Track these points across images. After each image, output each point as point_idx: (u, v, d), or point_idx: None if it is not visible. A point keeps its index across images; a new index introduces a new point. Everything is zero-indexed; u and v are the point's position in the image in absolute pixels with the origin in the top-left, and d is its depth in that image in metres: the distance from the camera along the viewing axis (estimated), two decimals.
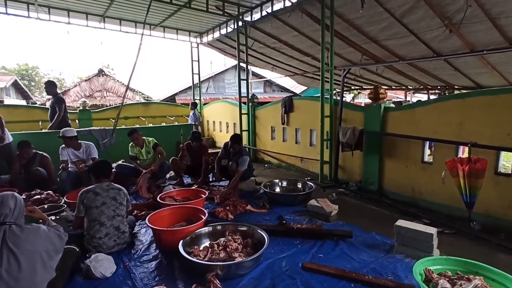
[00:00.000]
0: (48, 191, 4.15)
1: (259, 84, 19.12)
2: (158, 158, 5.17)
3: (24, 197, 3.95)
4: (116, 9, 7.39)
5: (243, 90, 7.80)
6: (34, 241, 2.01)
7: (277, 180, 4.98)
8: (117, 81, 16.75)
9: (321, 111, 5.36)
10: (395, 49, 6.80)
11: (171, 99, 16.19)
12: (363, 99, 19.26)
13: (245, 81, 7.81)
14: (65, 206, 3.84)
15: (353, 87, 11.70)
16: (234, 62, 12.59)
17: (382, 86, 5.58)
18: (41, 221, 2.39)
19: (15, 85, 19.30)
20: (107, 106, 10.69)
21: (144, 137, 5.23)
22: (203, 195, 4.06)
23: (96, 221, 2.86)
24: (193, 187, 4.84)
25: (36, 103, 17.35)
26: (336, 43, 6.08)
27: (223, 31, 8.60)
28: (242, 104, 7.84)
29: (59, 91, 6.38)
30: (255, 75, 17.52)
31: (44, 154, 4.84)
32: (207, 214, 3.29)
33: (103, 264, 2.58)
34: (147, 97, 17.08)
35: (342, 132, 5.01)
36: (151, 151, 5.23)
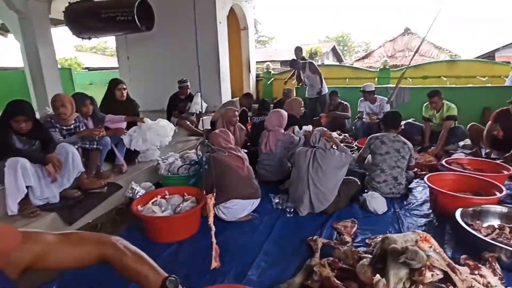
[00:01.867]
0: (345, 134, 5.04)
1: None
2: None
3: None
4: None
5: None
6: (331, 160, 2.79)
7: None
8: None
9: None
10: None
11: (488, 56, 13.19)
12: None
13: None
14: (355, 148, 4.52)
15: None
16: None
17: None
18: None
19: (333, 50, 23.36)
20: (407, 65, 10.61)
21: (445, 101, 4.75)
22: (505, 171, 3.31)
23: (377, 167, 3.19)
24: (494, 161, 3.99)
25: (345, 64, 20.26)
26: None
27: None
28: None
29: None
30: None
31: (345, 103, 5.86)
32: (504, 192, 2.70)
33: (377, 202, 2.91)
34: (455, 55, 14.95)
35: None
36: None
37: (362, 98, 5.42)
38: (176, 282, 0.93)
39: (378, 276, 1.46)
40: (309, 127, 4.32)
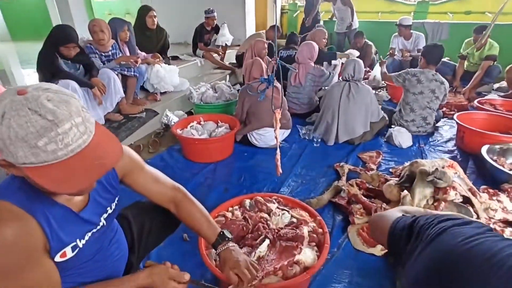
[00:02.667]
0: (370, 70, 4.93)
1: None
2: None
3: None
4: None
5: None
6: (365, 95, 2.87)
7: None
8: None
9: None
10: None
11: None
12: None
13: None
14: (384, 86, 4.46)
15: None
16: None
17: None
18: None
19: None
20: None
21: (489, 40, 4.35)
22: None
23: (408, 105, 3.14)
24: None
25: None
26: None
27: None
28: None
29: None
30: None
31: (369, 42, 5.59)
32: None
33: (402, 137, 2.99)
34: None
35: None
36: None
37: (396, 34, 5.12)
38: (230, 235, 1.13)
39: (405, 191, 1.62)
40: (338, 61, 4.25)
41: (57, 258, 0.84)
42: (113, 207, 1.03)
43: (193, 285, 0.99)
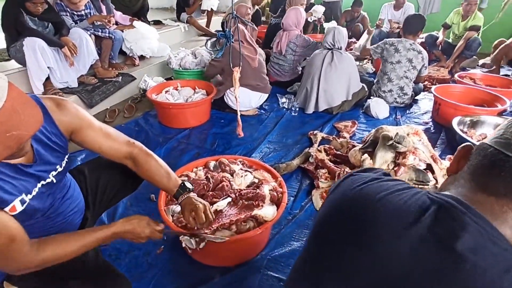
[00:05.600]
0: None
1: None
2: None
3: None
4: None
5: None
6: (347, 64, 2.87)
7: None
8: None
9: None
10: None
11: None
12: None
13: None
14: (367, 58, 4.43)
15: None
16: None
17: None
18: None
19: None
20: None
21: (477, 12, 4.28)
22: None
23: (386, 75, 3.14)
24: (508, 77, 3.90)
25: None
26: None
27: None
28: None
29: None
30: None
31: (365, 15, 5.48)
32: (508, 104, 2.76)
33: (379, 108, 3.01)
34: None
35: None
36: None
37: (386, 4, 5.01)
38: (190, 186, 1.14)
39: (366, 155, 1.65)
40: (333, 23, 4.14)
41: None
42: (63, 165, 1.01)
43: (166, 233, 1.10)
